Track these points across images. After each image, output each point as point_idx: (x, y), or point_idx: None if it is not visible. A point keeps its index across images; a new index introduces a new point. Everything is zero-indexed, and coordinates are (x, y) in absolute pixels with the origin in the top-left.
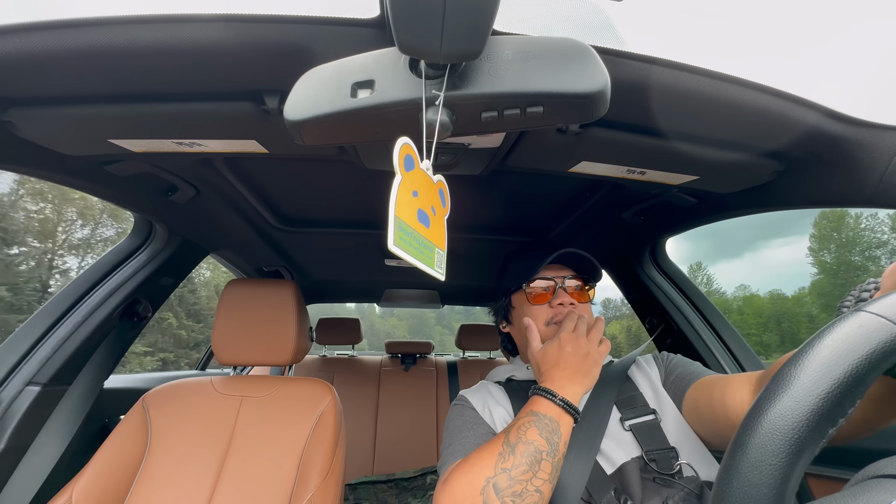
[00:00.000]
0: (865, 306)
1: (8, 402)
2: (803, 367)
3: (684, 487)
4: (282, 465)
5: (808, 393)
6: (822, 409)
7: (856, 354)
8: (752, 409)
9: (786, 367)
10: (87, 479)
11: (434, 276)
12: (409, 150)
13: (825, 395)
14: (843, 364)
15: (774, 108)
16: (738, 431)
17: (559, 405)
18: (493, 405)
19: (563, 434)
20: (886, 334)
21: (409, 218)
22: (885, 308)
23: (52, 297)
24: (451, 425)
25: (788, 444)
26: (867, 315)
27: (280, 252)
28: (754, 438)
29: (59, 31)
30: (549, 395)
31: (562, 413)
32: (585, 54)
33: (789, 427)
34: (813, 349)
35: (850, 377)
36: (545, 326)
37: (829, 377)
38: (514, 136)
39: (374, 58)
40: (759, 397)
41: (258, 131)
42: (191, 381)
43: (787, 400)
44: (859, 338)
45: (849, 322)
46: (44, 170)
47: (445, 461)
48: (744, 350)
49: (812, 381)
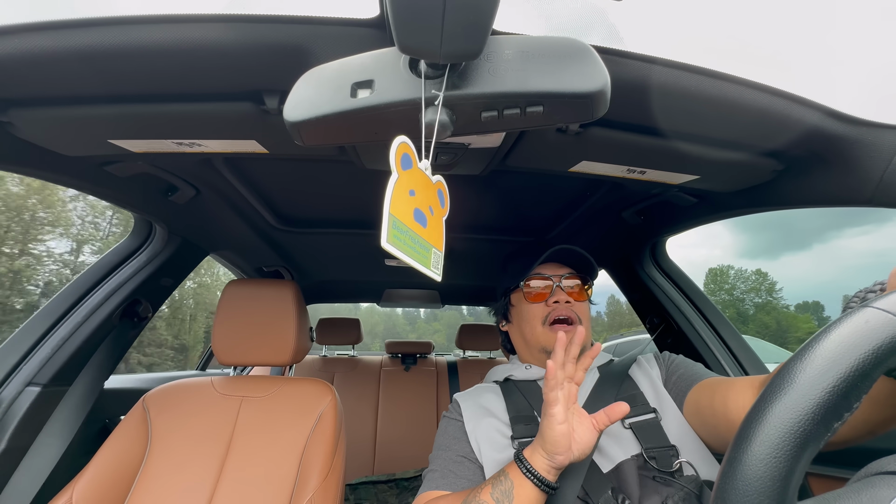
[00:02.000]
0: (872, 302)
1: (8, 403)
2: (809, 361)
3: (684, 487)
4: (282, 465)
5: (813, 386)
6: (827, 403)
7: (862, 349)
8: (758, 402)
9: (791, 362)
10: (87, 479)
11: (430, 276)
12: (406, 148)
13: (831, 388)
14: (849, 358)
15: (774, 107)
16: (743, 424)
17: (523, 472)
18: (482, 415)
19: (515, 497)
20: (893, 329)
21: (404, 217)
22: (892, 304)
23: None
24: (437, 439)
25: (793, 437)
26: (874, 311)
27: (280, 252)
28: (759, 431)
29: (58, 31)
30: (519, 460)
31: (524, 481)
32: (585, 54)
33: (795, 420)
34: (819, 344)
35: (857, 371)
36: (542, 325)
37: (836, 371)
38: (514, 136)
39: (373, 58)
40: (764, 391)
41: (258, 131)
42: (191, 381)
43: (793, 393)
44: (865, 333)
45: (855, 317)
46: (43, 170)
47: (424, 483)
48: (744, 350)
49: (818, 375)
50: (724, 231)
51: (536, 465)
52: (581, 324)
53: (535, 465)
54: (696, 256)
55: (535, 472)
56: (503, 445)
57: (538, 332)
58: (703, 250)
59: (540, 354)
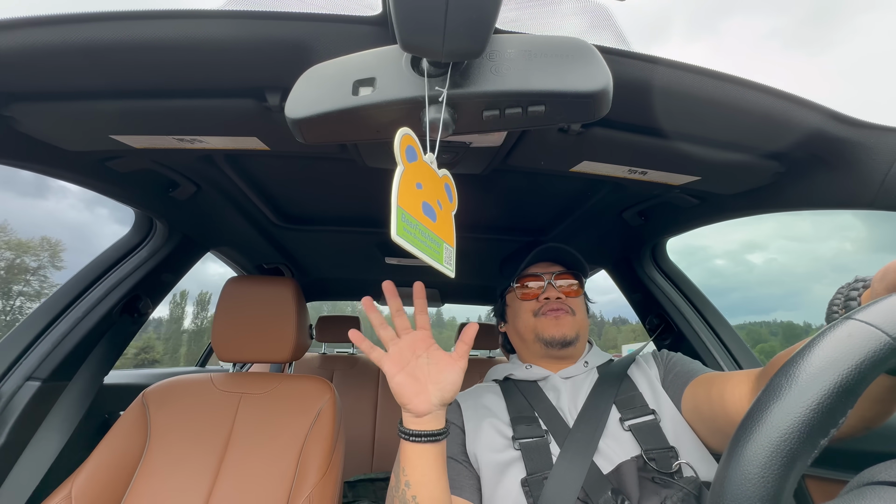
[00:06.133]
0: (855, 314)
1: (8, 397)
2: (794, 378)
3: (683, 488)
4: (280, 461)
5: (798, 405)
6: (812, 421)
7: (845, 365)
8: (744, 421)
9: (777, 378)
10: (86, 474)
11: (443, 272)
12: (410, 140)
13: (816, 406)
14: (832, 375)
15: (777, 109)
16: (731, 443)
17: (399, 434)
18: (483, 415)
19: (401, 461)
20: (875, 344)
21: (413, 209)
22: (874, 316)
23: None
24: None
25: (780, 456)
26: (856, 323)
27: (280, 249)
28: (746, 451)
29: (60, 26)
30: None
31: (402, 441)
32: (588, 54)
33: (781, 439)
34: (803, 359)
35: (841, 388)
36: (534, 317)
37: (819, 389)
38: (516, 136)
39: (375, 56)
40: (750, 409)
41: (259, 128)
42: (190, 377)
43: (779, 412)
44: (848, 348)
45: (838, 331)
46: (44, 165)
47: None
48: (742, 350)
49: (802, 393)
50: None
51: (406, 423)
52: (574, 315)
53: (405, 423)
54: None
55: (404, 428)
56: (503, 446)
57: (531, 323)
58: (832, 243)
59: (536, 347)
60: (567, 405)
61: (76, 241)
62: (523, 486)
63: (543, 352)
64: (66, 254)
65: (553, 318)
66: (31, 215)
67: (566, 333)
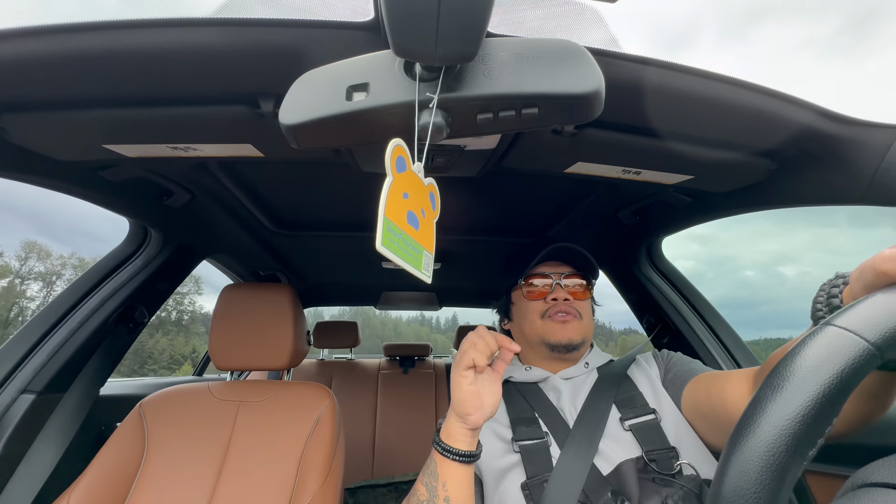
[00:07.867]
0: (834, 319)
1: (2, 411)
2: (778, 390)
3: (683, 486)
4: (280, 469)
5: (783, 417)
6: (798, 433)
7: (826, 374)
8: (733, 436)
9: (761, 391)
10: (83, 486)
11: (420, 278)
12: (401, 151)
13: (800, 418)
14: (814, 386)
15: (767, 107)
16: (722, 459)
17: (440, 452)
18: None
19: (440, 475)
20: (855, 350)
21: (398, 219)
22: (852, 321)
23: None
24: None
25: (770, 469)
26: (836, 329)
27: (276, 256)
28: (736, 466)
29: (51, 36)
30: (435, 441)
31: (443, 459)
32: (580, 56)
33: (768, 453)
34: (785, 369)
35: (823, 398)
36: (541, 319)
37: (802, 400)
38: (510, 138)
39: (368, 61)
40: (738, 423)
41: (253, 135)
42: (188, 387)
43: (765, 425)
44: (828, 355)
45: (818, 339)
46: (36, 176)
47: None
48: (740, 348)
49: (785, 406)
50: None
51: (452, 439)
52: (581, 319)
53: (451, 439)
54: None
55: (449, 447)
56: (502, 451)
57: (537, 326)
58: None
59: (540, 349)
60: (567, 406)
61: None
62: (523, 489)
63: (547, 354)
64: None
65: (560, 323)
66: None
67: (572, 338)
